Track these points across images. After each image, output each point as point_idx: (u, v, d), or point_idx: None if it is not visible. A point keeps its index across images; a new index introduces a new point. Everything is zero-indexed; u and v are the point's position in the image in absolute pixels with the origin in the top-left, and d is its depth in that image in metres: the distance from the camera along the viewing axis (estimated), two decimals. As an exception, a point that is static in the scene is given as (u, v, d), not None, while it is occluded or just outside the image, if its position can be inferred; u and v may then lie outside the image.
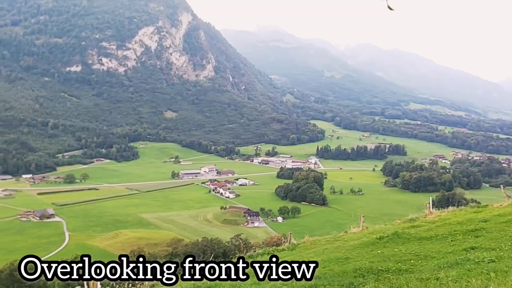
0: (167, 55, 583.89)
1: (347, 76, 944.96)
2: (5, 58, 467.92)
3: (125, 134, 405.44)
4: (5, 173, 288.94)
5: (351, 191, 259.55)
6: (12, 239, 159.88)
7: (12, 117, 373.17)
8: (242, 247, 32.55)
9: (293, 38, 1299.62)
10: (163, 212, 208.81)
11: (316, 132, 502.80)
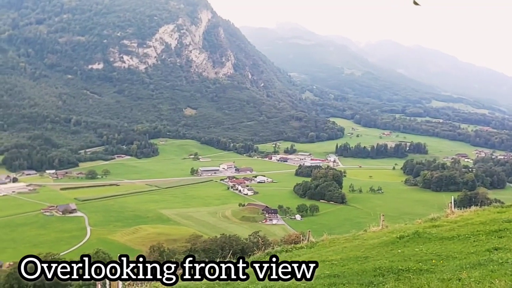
0: (187, 53, 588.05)
1: (367, 73, 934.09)
2: (30, 56, 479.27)
3: (145, 131, 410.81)
4: (30, 168, 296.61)
5: (371, 190, 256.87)
6: (36, 233, 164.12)
7: (37, 113, 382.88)
8: (261, 244, 32.57)
9: (312, 35, 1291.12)
10: (182, 208, 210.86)
11: (335, 129, 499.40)
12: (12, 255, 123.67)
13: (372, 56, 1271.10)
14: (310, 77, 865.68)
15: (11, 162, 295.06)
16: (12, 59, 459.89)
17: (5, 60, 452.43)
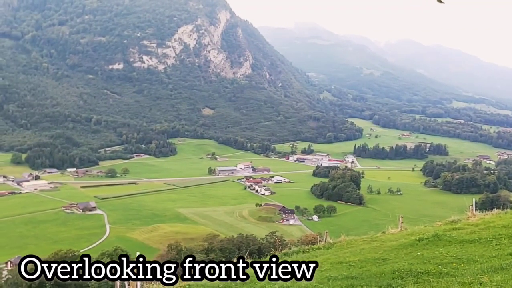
0: (205, 53, 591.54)
1: (386, 73, 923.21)
2: (53, 57, 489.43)
3: (164, 130, 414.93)
4: (51, 166, 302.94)
5: (389, 191, 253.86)
6: (57, 230, 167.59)
7: (59, 113, 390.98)
8: (278, 244, 32.64)
9: (331, 34, 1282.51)
10: (199, 207, 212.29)
11: (353, 130, 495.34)
12: (34, 251, 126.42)
13: (391, 56, 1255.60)
14: (328, 77, 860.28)
15: (34, 160, 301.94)
16: (36, 59, 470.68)
17: (28, 61, 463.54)
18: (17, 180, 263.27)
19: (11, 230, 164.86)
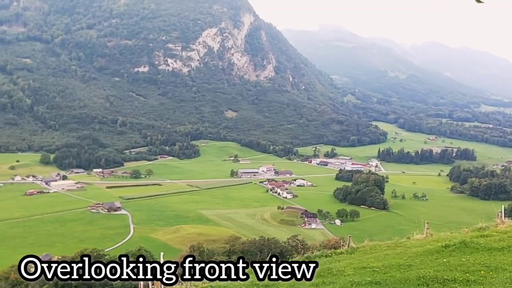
0: (229, 56, 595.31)
1: (412, 76, 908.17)
2: (81, 60, 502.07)
3: (188, 132, 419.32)
4: (78, 166, 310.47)
5: (414, 196, 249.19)
6: (83, 229, 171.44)
7: (86, 114, 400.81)
8: (300, 248, 32.48)
9: (355, 37, 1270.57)
10: (221, 209, 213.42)
11: (377, 134, 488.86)
12: (61, 250, 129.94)
13: (417, 58, 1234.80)
14: (352, 80, 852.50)
15: (62, 161, 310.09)
16: (65, 62, 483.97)
17: (58, 63, 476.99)
18: (45, 179, 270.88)
19: (40, 228, 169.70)
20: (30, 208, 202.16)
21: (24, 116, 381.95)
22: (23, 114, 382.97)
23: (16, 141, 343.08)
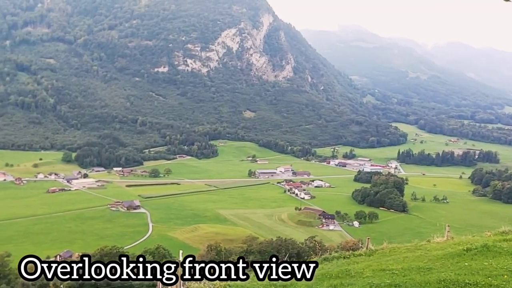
0: (247, 56, 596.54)
1: (433, 77, 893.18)
2: (102, 60, 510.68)
3: (206, 132, 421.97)
4: (99, 165, 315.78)
5: (435, 199, 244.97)
6: (103, 226, 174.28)
7: (107, 114, 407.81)
8: (318, 249, 32.31)
9: (375, 37, 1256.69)
10: (239, 209, 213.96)
11: (397, 135, 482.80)
12: (82, 246, 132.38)
13: (439, 59, 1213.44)
14: (372, 80, 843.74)
15: (83, 159, 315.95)
16: (87, 62, 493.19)
17: (80, 64, 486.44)
18: (67, 177, 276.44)
19: (62, 225, 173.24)
20: (52, 205, 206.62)
21: (47, 115, 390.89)
22: (46, 113, 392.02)
23: (40, 139, 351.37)
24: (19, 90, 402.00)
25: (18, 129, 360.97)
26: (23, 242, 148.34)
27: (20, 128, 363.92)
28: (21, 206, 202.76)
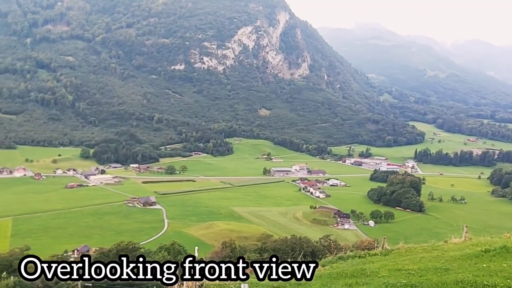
0: (263, 54, 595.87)
1: (452, 75, 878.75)
2: (120, 58, 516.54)
3: (221, 130, 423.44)
4: (116, 161, 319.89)
5: (452, 199, 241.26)
6: (120, 222, 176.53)
7: (124, 111, 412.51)
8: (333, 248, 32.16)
9: (393, 35, 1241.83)
10: (254, 207, 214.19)
11: (414, 134, 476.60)
12: (99, 241, 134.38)
13: (458, 57, 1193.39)
14: (389, 78, 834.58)
15: (100, 156, 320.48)
16: (105, 60, 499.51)
17: (98, 61, 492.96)
18: (85, 173, 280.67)
19: (79, 220, 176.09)
20: (70, 200, 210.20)
21: (66, 112, 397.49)
22: (65, 110, 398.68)
23: (59, 135, 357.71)
24: (39, 87, 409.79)
25: (38, 126, 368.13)
26: (42, 236, 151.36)
27: (39, 124, 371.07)
28: (40, 201, 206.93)
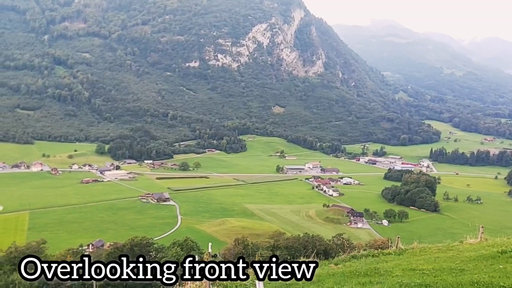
0: (278, 51, 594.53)
1: (469, 73, 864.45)
2: (135, 55, 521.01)
3: (235, 127, 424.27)
4: (130, 157, 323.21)
5: (468, 199, 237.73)
6: (134, 217, 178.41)
7: (139, 107, 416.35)
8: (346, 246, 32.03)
9: (409, 32, 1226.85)
10: (266, 204, 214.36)
11: (430, 133, 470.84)
12: (113, 236, 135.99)
13: (476, 55, 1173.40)
14: (404, 76, 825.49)
15: (115, 151, 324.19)
16: (120, 57, 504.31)
17: (114, 58, 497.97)
18: (100, 169, 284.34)
19: (94, 215, 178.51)
20: (86, 195, 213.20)
21: (82, 108, 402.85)
22: (81, 106, 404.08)
23: (75, 131, 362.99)
24: (56, 83, 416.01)
25: (54, 121, 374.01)
26: (58, 230, 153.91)
27: (56, 120, 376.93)
28: (56, 195, 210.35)
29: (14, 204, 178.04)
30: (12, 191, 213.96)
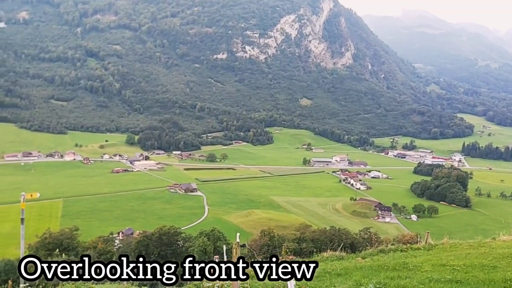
0: (306, 43, 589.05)
1: (505, 65, 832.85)
2: (165, 47, 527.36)
3: (262, 119, 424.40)
4: (159, 148, 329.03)
5: (501, 195, 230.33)
6: (162, 207, 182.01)
7: (167, 99, 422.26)
8: (373, 240, 31.72)
9: (442, 23, 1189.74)
10: (292, 196, 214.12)
11: (463, 126, 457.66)
12: (143, 225, 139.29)
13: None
14: (436, 68, 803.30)
15: (145, 142, 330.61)
16: (150, 49, 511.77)
17: (144, 50, 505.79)
18: (130, 159, 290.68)
19: (124, 204, 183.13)
20: (116, 184, 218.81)
21: (113, 99, 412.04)
22: (112, 97, 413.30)
23: (106, 122, 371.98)
24: (88, 75, 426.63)
25: (87, 112, 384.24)
26: (90, 218, 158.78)
27: (88, 111, 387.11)
28: (88, 184, 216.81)
29: (49, 192, 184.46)
30: (47, 179, 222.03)
